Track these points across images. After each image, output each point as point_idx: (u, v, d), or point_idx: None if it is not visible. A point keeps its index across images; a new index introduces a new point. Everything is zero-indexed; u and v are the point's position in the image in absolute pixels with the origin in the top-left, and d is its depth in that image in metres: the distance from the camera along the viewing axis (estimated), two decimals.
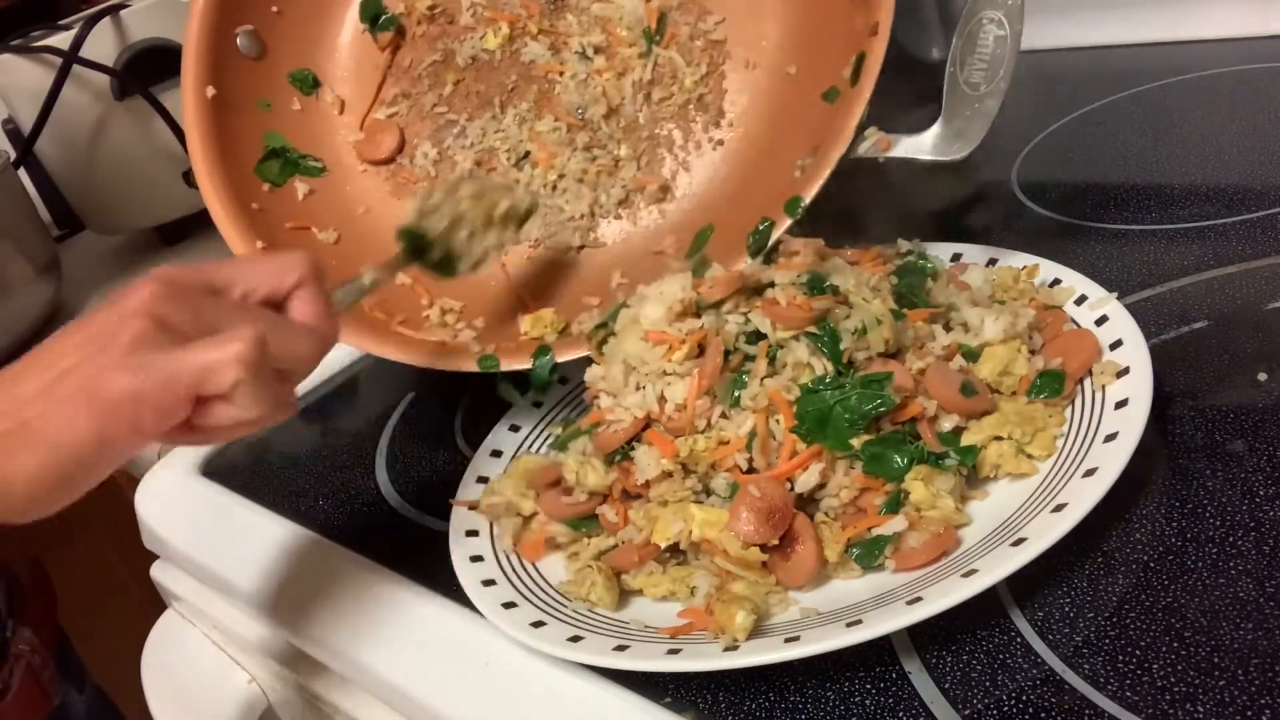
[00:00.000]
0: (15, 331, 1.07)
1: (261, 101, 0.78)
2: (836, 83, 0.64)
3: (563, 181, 0.75)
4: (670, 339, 0.54)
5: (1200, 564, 0.44)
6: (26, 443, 0.42)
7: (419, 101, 0.80)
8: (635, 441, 0.54)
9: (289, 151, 0.77)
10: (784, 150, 0.67)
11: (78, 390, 0.42)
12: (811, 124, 0.65)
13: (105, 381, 0.41)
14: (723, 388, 0.52)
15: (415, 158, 0.79)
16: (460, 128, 0.79)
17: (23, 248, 1.08)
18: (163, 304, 0.43)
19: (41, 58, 1.08)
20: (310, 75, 0.80)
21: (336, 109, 0.80)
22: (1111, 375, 0.51)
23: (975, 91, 0.60)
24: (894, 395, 0.50)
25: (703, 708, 0.46)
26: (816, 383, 0.51)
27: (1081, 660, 0.41)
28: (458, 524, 0.58)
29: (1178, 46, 0.88)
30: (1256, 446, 0.48)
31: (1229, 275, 0.59)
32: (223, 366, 0.42)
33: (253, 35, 0.77)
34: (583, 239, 0.75)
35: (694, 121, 0.73)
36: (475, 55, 0.78)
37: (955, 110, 0.61)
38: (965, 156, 0.60)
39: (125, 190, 1.17)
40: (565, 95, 0.76)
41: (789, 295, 0.53)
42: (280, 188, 0.77)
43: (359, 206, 0.79)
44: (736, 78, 0.73)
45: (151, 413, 0.42)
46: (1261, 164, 0.69)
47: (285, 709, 0.71)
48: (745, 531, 0.48)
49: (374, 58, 0.81)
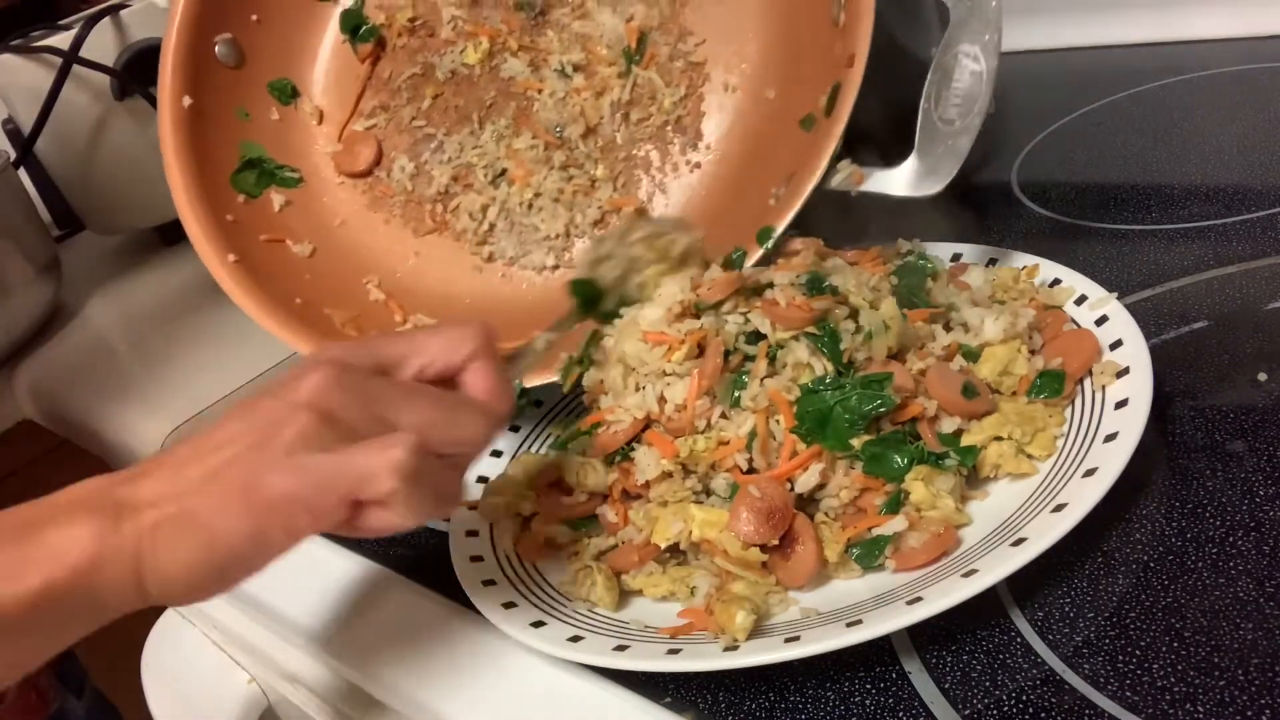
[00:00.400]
0: (15, 331, 1.07)
1: (240, 110, 0.78)
2: (814, 109, 0.64)
3: (539, 200, 0.75)
4: (669, 339, 0.54)
5: (1200, 564, 0.44)
6: (187, 533, 0.41)
7: (397, 114, 0.80)
8: (635, 442, 0.54)
9: (266, 162, 0.77)
10: (760, 175, 0.67)
11: (238, 486, 0.41)
12: (788, 150, 0.64)
13: (264, 481, 0.41)
14: (723, 388, 0.52)
15: (392, 171, 0.79)
16: (438, 142, 0.79)
17: (23, 248, 1.07)
18: (330, 395, 0.43)
19: (41, 58, 1.08)
20: (289, 85, 0.79)
21: (315, 119, 0.80)
22: (1111, 375, 0.51)
23: (950, 127, 0.59)
24: (894, 396, 0.50)
25: (703, 708, 0.46)
26: (816, 383, 0.51)
27: (1081, 660, 0.41)
28: (457, 524, 0.58)
29: (1178, 46, 0.88)
30: (1256, 446, 0.48)
31: (1229, 275, 0.59)
32: (380, 474, 0.41)
33: (232, 44, 0.77)
34: (557, 259, 0.75)
35: (672, 143, 0.73)
36: (455, 70, 0.78)
37: (928, 146, 0.60)
38: (937, 193, 0.60)
39: (125, 190, 1.17)
40: (543, 113, 0.75)
41: (789, 295, 0.53)
42: (255, 199, 0.76)
43: (335, 219, 0.79)
44: (715, 100, 0.72)
45: (307, 516, 0.42)
46: (1261, 164, 0.69)
47: (285, 709, 0.71)
48: (745, 532, 0.48)
49: (354, 69, 0.80)
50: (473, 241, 0.77)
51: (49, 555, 0.40)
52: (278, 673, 0.68)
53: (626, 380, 0.55)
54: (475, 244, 0.77)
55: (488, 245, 0.77)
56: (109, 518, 0.41)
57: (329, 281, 0.71)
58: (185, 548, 0.41)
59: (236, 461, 0.42)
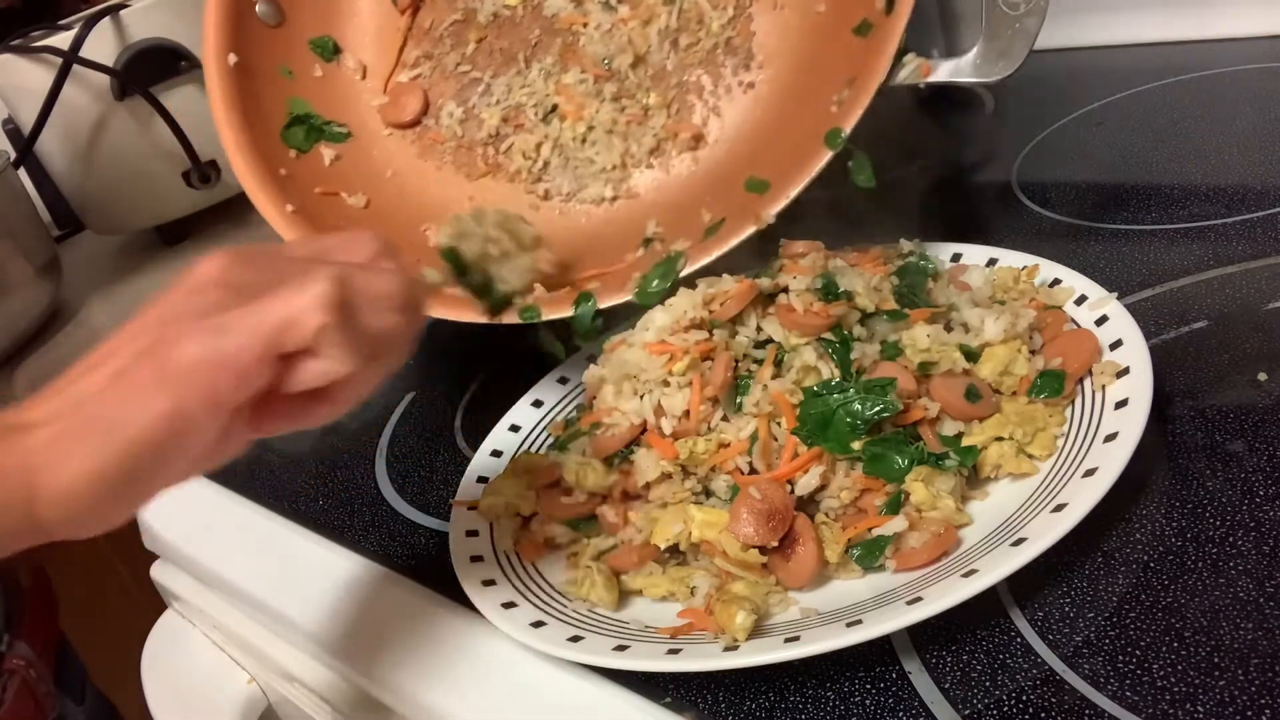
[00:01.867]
0: (15, 331, 1.07)
1: (283, 69, 0.78)
2: (868, 15, 0.63)
3: (592, 134, 0.75)
4: (672, 349, 0.54)
5: (1200, 564, 0.44)
6: (88, 439, 0.36)
7: (442, 62, 0.80)
8: (635, 444, 0.54)
9: (313, 118, 0.78)
10: (817, 88, 0.66)
11: (149, 369, 0.36)
12: (844, 59, 0.64)
13: (175, 351, 0.36)
14: (726, 395, 0.52)
15: (441, 118, 0.79)
16: (485, 85, 0.78)
17: (23, 248, 1.07)
18: (231, 269, 0.39)
19: (41, 58, 1.08)
20: (330, 42, 0.80)
21: (359, 74, 0.80)
22: (1111, 375, 0.51)
23: (1015, 11, 0.59)
24: (898, 401, 0.50)
25: (703, 708, 0.46)
26: (821, 386, 0.51)
27: (1081, 660, 0.41)
28: (458, 524, 0.58)
29: (1178, 46, 0.88)
30: (1256, 446, 0.48)
31: (1229, 275, 0.59)
32: (303, 313, 0.37)
33: (271, 2, 0.77)
34: (615, 190, 0.74)
35: (723, 66, 0.72)
36: (496, 12, 0.78)
37: (995, 31, 0.60)
38: (1010, 76, 0.59)
39: (125, 190, 1.17)
40: (590, 46, 0.75)
41: (805, 302, 0.53)
42: (306, 154, 0.77)
43: (387, 170, 0.79)
44: (764, 20, 0.71)
45: (229, 377, 0.36)
46: (1261, 164, 0.69)
47: (285, 709, 0.71)
48: (745, 534, 0.48)
49: (394, 21, 0.81)
50: (528, 180, 0.77)
51: None
52: (278, 673, 0.68)
53: (621, 385, 0.55)
54: (530, 182, 0.77)
55: (543, 183, 0.77)
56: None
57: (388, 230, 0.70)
58: (87, 455, 0.36)
59: (142, 352, 0.37)
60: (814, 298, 0.53)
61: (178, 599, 0.77)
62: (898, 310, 0.54)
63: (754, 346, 0.53)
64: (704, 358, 0.54)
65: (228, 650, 0.74)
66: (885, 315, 0.54)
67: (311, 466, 0.74)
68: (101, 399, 0.37)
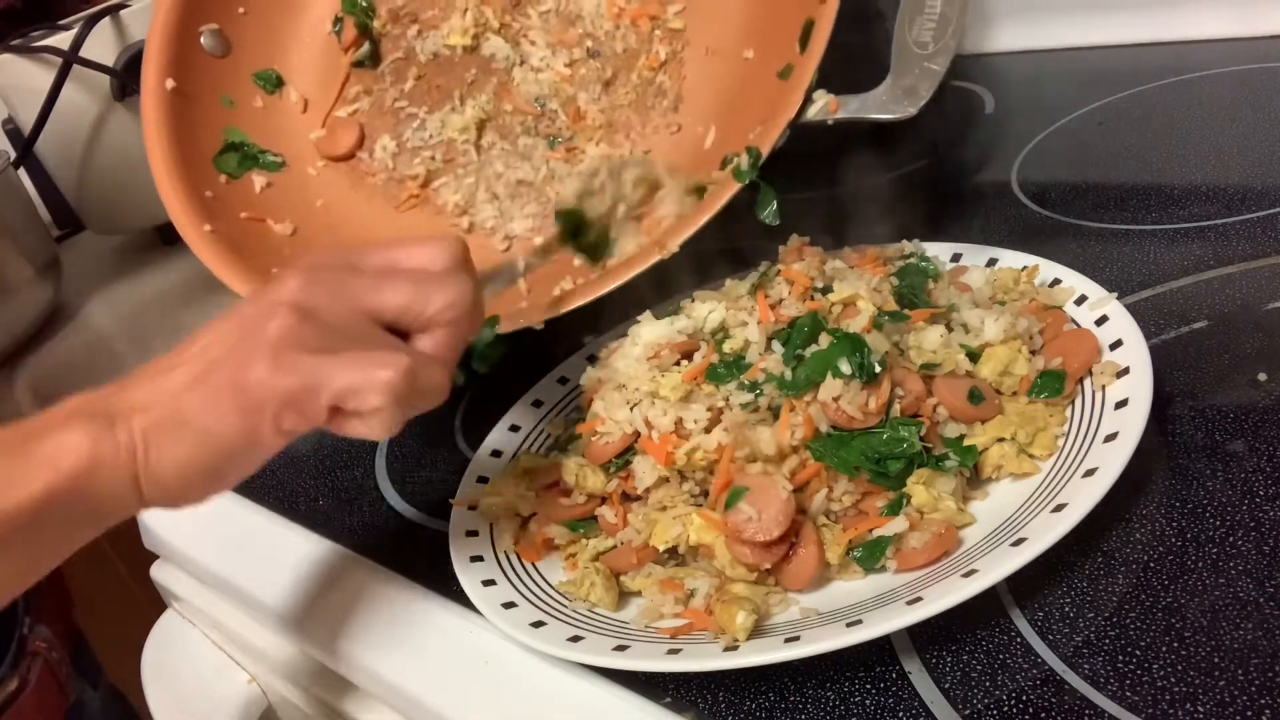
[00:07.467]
0: (15, 331, 1.07)
1: (225, 98, 0.78)
2: (793, 59, 0.64)
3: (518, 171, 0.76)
4: (661, 359, 0.55)
5: (1200, 564, 0.44)
6: (179, 433, 0.42)
7: (380, 97, 0.81)
8: (632, 449, 0.54)
9: (248, 146, 0.78)
10: (741, 127, 0.67)
11: (226, 384, 0.42)
12: (765, 102, 0.65)
13: (253, 380, 0.42)
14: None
15: (375, 151, 0.80)
16: (420, 120, 0.80)
17: (23, 248, 1.07)
18: (307, 291, 0.44)
19: (41, 58, 1.08)
20: (275, 74, 0.81)
21: (300, 108, 0.81)
22: (1111, 375, 0.51)
23: (924, 50, 0.60)
24: (918, 443, 0.49)
25: (703, 708, 0.46)
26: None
27: (1081, 660, 0.41)
28: (458, 524, 0.58)
29: (1178, 46, 0.88)
30: (1256, 446, 0.48)
31: (1229, 275, 0.59)
32: (370, 391, 0.42)
33: (218, 34, 0.78)
34: (538, 225, 0.76)
35: (652, 108, 0.74)
36: (437, 52, 0.80)
37: (903, 69, 0.60)
38: (913, 115, 0.60)
39: (125, 190, 1.17)
40: (524, 86, 0.77)
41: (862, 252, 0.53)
42: (237, 179, 0.77)
43: (317, 199, 0.79)
44: (695, 65, 0.73)
45: (294, 414, 0.42)
46: (1261, 164, 0.69)
47: (285, 709, 0.71)
48: (742, 554, 0.48)
49: (338, 58, 0.82)
50: (453, 214, 0.78)
51: (47, 463, 0.40)
52: (278, 673, 0.68)
53: (612, 396, 0.55)
54: (455, 215, 0.78)
55: (467, 216, 0.78)
56: (102, 424, 0.42)
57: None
58: (178, 447, 0.42)
59: (222, 362, 0.43)
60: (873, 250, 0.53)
61: (178, 599, 0.77)
62: (898, 311, 0.54)
63: (746, 409, 0.52)
64: (684, 356, 0.55)
65: (228, 650, 0.74)
66: (887, 316, 0.54)
67: (311, 466, 0.74)
68: (189, 400, 0.42)
